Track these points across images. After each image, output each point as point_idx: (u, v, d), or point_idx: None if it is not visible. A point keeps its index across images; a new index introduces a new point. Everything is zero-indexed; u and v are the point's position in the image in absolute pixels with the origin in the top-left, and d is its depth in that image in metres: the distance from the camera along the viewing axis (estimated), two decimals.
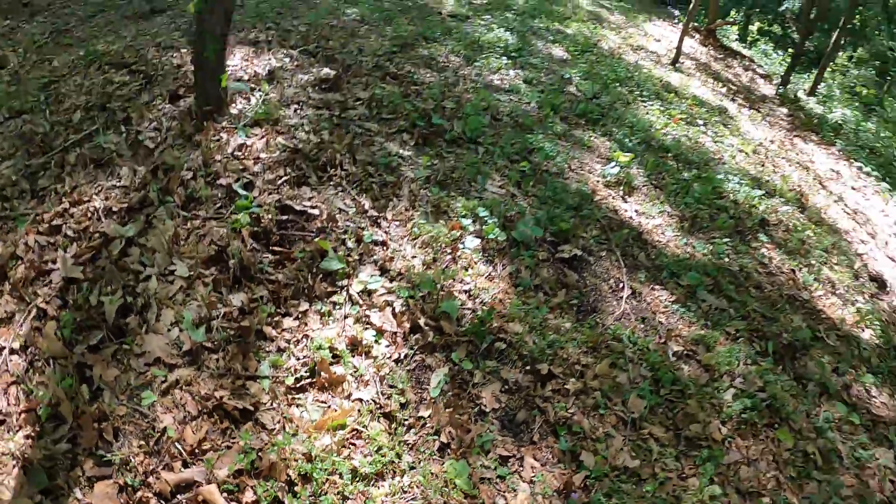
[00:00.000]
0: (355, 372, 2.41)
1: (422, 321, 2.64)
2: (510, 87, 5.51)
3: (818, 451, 3.03)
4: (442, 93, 4.86)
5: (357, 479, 2.17)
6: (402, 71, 5.14)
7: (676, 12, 14.54)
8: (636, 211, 4.08)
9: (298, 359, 2.38)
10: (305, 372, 2.36)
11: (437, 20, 7.24)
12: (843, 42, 17.88)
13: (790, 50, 12.39)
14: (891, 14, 18.34)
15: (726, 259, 4.00)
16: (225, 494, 2.03)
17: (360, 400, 2.34)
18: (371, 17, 6.52)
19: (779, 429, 3.02)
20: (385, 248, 2.95)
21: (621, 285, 3.30)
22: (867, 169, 8.61)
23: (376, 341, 2.52)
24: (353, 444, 2.24)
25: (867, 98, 13.09)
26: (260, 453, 2.11)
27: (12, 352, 2.26)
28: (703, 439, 2.76)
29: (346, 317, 2.56)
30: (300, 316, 2.54)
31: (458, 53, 6.04)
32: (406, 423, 2.36)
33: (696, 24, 13.32)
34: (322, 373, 2.34)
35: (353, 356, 2.47)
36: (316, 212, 2.96)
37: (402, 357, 2.53)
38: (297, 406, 2.29)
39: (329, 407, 2.31)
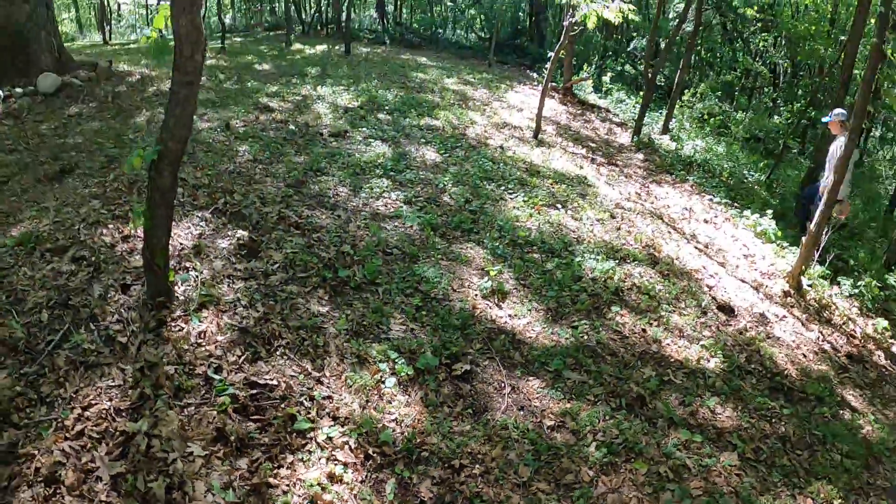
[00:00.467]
0: (338, 496, 3.81)
1: (370, 450, 4.09)
2: (394, 213, 7.02)
3: (669, 470, 4.51)
4: (339, 236, 6.30)
5: None
6: (301, 217, 6.53)
7: (535, 74, 16.46)
8: (510, 315, 5.66)
9: (299, 496, 3.75)
10: (308, 502, 3.74)
11: (320, 144, 8.68)
12: (691, 71, 20.47)
13: (641, 93, 14.43)
14: (730, 35, 21.12)
15: (585, 337, 5.58)
16: None
17: None
18: (262, 154, 7.88)
19: (635, 461, 4.57)
20: (331, 400, 4.39)
21: (503, 385, 4.85)
22: (717, 199, 10.50)
23: (345, 471, 3.91)
24: None
25: (714, 123, 15.31)
26: None
27: None
28: (576, 483, 4.27)
29: (320, 459, 3.97)
30: (289, 466, 3.92)
31: (345, 183, 7.50)
32: None
33: (554, 83, 15.28)
34: (318, 501, 3.73)
35: (333, 485, 3.84)
36: (275, 382, 4.38)
37: (364, 478, 3.95)
38: None
39: None
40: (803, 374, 6.16)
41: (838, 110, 9.18)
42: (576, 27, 10.70)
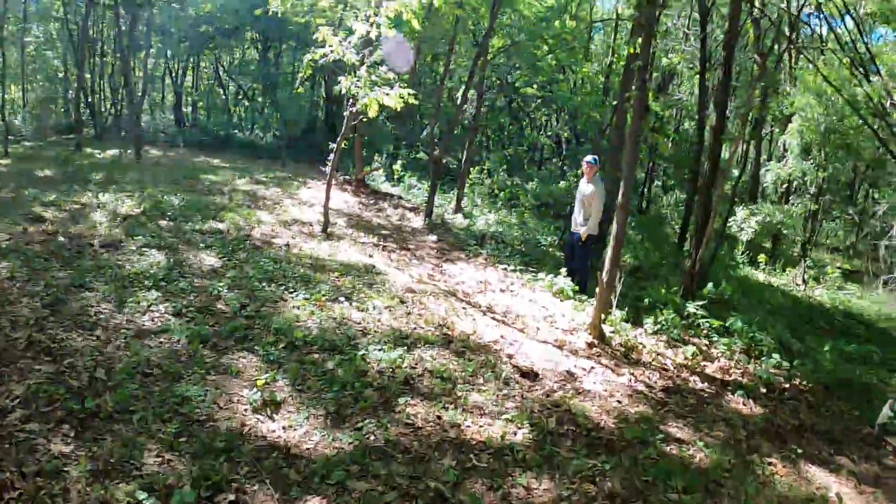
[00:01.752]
0: None
1: None
2: (161, 327, 6.21)
3: None
4: (94, 360, 5.43)
5: None
6: (54, 341, 5.64)
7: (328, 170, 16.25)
8: (283, 427, 4.92)
9: None
10: None
11: (88, 256, 7.79)
12: (480, 150, 21.07)
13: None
14: (516, 113, 21.99)
15: (372, 438, 4.91)
16: None
17: None
18: (21, 271, 6.97)
19: None
20: None
21: None
22: (512, 267, 10.39)
23: None
24: None
25: (504, 196, 15.61)
26: None
27: None
28: None
29: None
30: None
31: (110, 298, 6.64)
32: None
33: (347, 176, 15.05)
34: None
35: None
36: None
37: None
38: None
39: None
40: (621, 420, 5.86)
41: (590, 156, 9.99)
42: (357, 116, 10.44)
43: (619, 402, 6.28)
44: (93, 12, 20.56)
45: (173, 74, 26.04)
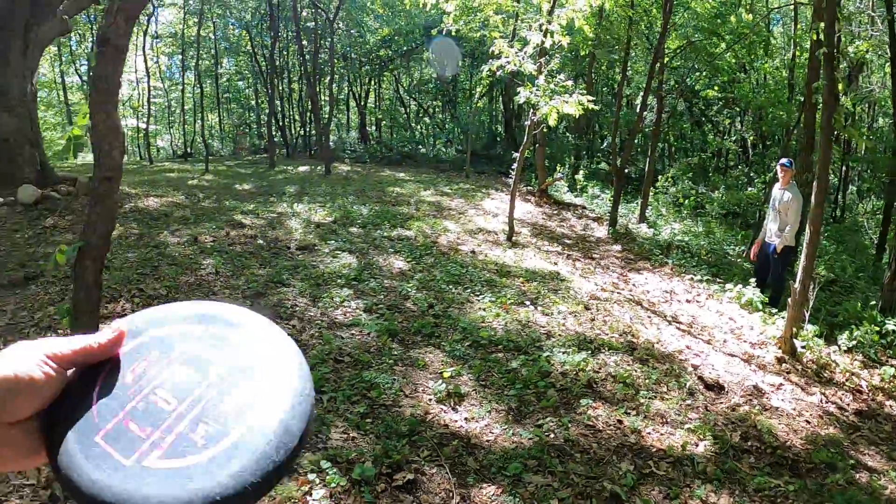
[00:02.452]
0: None
1: None
2: (352, 321, 6.56)
3: None
4: None
5: None
6: None
7: (510, 180, 16.49)
8: (465, 419, 5.03)
9: None
10: None
11: (287, 256, 8.38)
12: (662, 158, 20.44)
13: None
14: (697, 118, 21.21)
15: (551, 436, 4.90)
16: None
17: None
18: (225, 267, 7.61)
19: None
20: None
21: (451, 494, 4.20)
22: (698, 277, 10.03)
23: None
24: None
25: (689, 205, 15.07)
26: None
27: None
28: None
29: None
30: None
31: (305, 294, 7.11)
32: None
33: (530, 187, 15.17)
34: None
35: None
36: None
37: None
38: None
39: None
40: (809, 442, 5.44)
41: (784, 159, 9.23)
42: (538, 125, 10.54)
43: (808, 422, 5.84)
44: (278, 45, 22.29)
45: (357, 96, 27.49)
